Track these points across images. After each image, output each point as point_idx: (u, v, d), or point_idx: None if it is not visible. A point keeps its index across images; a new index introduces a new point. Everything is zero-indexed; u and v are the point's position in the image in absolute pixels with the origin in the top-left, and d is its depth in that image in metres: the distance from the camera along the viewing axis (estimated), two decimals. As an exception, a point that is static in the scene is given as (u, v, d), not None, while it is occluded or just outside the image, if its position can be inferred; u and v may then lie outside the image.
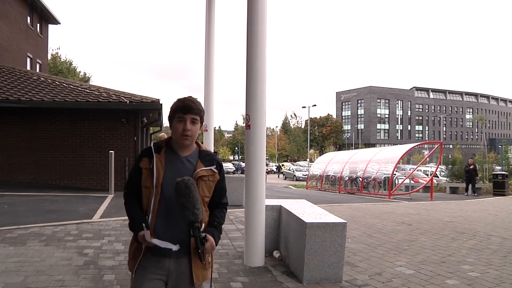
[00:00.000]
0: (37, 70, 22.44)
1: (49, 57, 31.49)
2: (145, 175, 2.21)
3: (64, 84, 14.73)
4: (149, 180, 2.18)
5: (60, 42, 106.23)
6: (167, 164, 2.21)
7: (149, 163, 2.21)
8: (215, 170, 2.30)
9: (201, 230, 2.08)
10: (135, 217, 2.22)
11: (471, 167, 19.79)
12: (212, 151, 2.58)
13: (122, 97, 13.39)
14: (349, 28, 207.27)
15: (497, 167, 28.84)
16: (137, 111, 13.54)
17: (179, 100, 2.26)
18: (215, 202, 2.33)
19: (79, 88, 14.32)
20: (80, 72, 41.55)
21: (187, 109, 2.20)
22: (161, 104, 13.48)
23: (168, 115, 2.29)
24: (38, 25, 23.74)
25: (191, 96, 2.29)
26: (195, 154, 2.29)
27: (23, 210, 8.69)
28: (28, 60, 22.05)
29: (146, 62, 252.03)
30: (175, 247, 2.10)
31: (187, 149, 2.28)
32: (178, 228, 2.16)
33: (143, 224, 2.15)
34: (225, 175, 2.51)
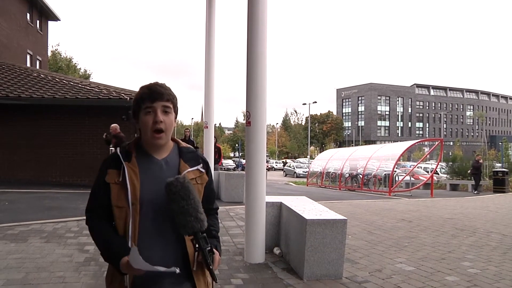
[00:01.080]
0: (37, 67, 22.45)
1: (49, 54, 31.47)
2: (115, 191, 1.70)
3: (64, 81, 14.73)
4: (121, 197, 1.68)
5: (60, 38, 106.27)
6: (142, 172, 1.72)
7: (118, 176, 1.70)
8: (202, 170, 1.86)
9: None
10: (112, 242, 1.68)
11: (481, 161, 19.78)
12: (193, 145, 2.01)
13: (123, 94, 13.40)
14: (350, 25, 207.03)
15: (497, 164, 28.88)
16: (138, 108, 13.52)
17: (143, 87, 1.77)
18: (206, 208, 1.80)
19: (80, 85, 14.32)
20: (80, 69, 41.54)
21: (155, 95, 1.72)
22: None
23: (132, 109, 1.80)
24: (38, 21, 23.71)
25: (157, 82, 1.82)
26: (175, 154, 1.83)
27: (23, 207, 8.71)
28: (28, 57, 22.05)
29: (146, 59, 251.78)
30: (177, 269, 1.59)
31: (163, 149, 1.80)
32: (172, 248, 1.73)
33: (125, 246, 1.64)
34: (226, 172, 2.18)
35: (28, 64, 21.43)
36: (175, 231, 1.69)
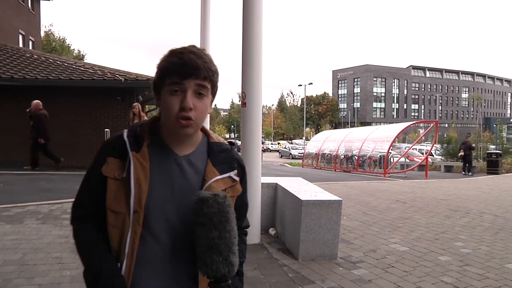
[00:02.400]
0: (30, 48, 22.12)
1: (42, 34, 31.01)
2: (113, 190, 1.23)
3: (58, 62, 14.55)
4: (120, 199, 1.22)
5: (52, 18, 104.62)
6: (154, 170, 1.25)
7: (121, 169, 1.24)
8: (236, 178, 1.36)
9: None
10: (100, 266, 1.22)
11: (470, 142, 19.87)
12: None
13: (117, 75, 13.26)
14: (346, 6, 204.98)
15: (491, 146, 29.07)
16: (133, 89, 13.42)
17: (172, 53, 1.24)
18: None
19: (74, 66, 14.16)
20: (74, 50, 41.07)
21: (188, 69, 1.20)
22: (157, 82, 13.36)
23: (153, 80, 1.29)
24: (30, 1, 23.27)
25: (194, 46, 1.27)
26: (202, 151, 1.34)
27: (19, 188, 8.70)
28: (21, 37, 21.71)
29: (140, 39, 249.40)
30: None
31: (188, 143, 1.31)
32: (179, 284, 1.28)
33: (119, 283, 1.21)
34: None
35: (21, 45, 21.11)
36: (189, 261, 1.24)
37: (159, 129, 1.30)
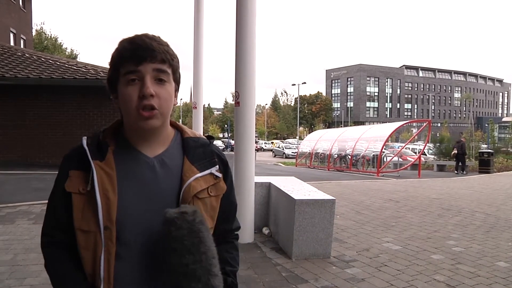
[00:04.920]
0: (22, 46, 21.95)
1: (34, 32, 30.78)
2: (79, 206, 1.10)
3: (50, 61, 14.45)
4: (88, 216, 1.08)
5: (44, 17, 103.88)
6: (123, 178, 1.11)
7: (85, 182, 1.10)
8: (219, 175, 1.21)
9: None
10: None
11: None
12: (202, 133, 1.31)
13: (110, 74, 13.20)
14: (340, 6, 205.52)
15: (483, 146, 29.29)
16: (125, 88, 13.35)
17: (123, 41, 1.12)
18: (220, 230, 1.24)
19: (66, 65, 14.07)
20: (66, 48, 40.78)
21: (142, 52, 1.07)
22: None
23: (107, 77, 1.16)
24: (21, -2, 23.12)
25: (146, 33, 1.14)
26: (176, 148, 1.19)
27: (11, 188, 8.63)
28: (12, 35, 21.53)
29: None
30: None
31: (157, 140, 1.16)
32: None
33: None
34: None
35: (12, 43, 20.95)
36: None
37: (124, 132, 1.16)
